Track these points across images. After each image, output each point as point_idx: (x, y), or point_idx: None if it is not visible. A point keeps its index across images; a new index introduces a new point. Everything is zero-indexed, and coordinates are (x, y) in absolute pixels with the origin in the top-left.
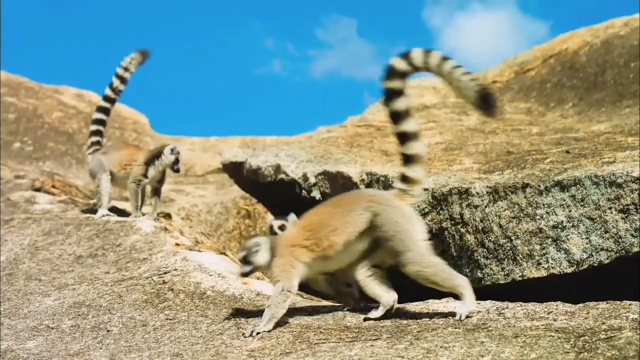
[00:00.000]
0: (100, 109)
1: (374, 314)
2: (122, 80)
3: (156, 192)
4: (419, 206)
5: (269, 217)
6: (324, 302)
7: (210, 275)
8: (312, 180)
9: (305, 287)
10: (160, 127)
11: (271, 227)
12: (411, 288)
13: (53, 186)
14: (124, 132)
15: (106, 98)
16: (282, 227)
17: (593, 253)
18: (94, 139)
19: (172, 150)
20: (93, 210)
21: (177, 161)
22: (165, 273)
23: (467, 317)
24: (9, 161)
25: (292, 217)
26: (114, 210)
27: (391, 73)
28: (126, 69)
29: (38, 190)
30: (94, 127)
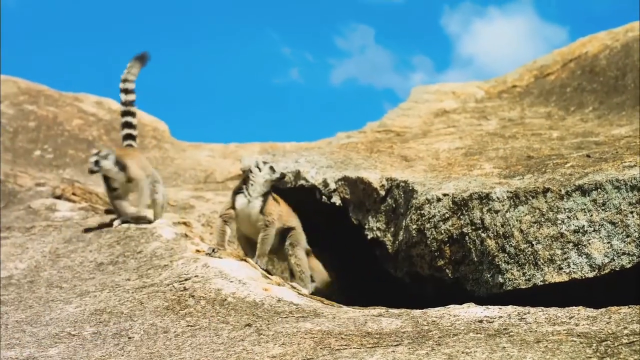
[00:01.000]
0: (125, 116)
1: None
2: (127, 91)
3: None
4: (439, 211)
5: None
6: (345, 308)
7: (231, 281)
8: (332, 186)
9: (326, 293)
10: (180, 134)
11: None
12: (432, 294)
13: (73, 194)
14: (144, 139)
15: (124, 113)
16: None
17: (615, 257)
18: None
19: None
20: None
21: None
22: (186, 280)
23: None
24: (29, 169)
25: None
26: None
27: None
28: (126, 80)
29: (59, 197)
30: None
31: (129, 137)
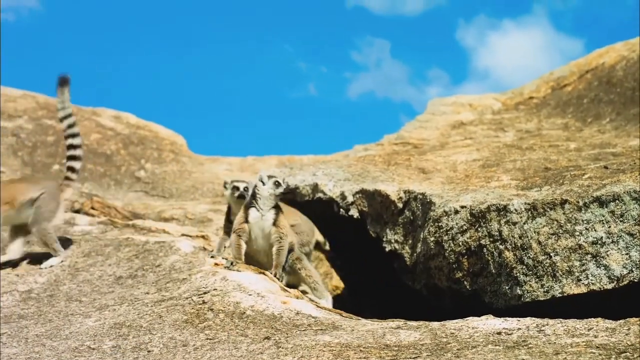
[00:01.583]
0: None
1: None
2: (67, 117)
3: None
4: (457, 223)
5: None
6: (363, 321)
7: (250, 294)
8: (350, 198)
9: (344, 306)
10: (197, 148)
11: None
12: (450, 306)
13: (92, 207)
14: (162, 153)
15: (68, 136)
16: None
17: (633, 269)
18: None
19: None
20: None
21: None
22: (204, 293)
23: None
24: None
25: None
26: None
27: None
28: (63, 108)
29: (77, 211)
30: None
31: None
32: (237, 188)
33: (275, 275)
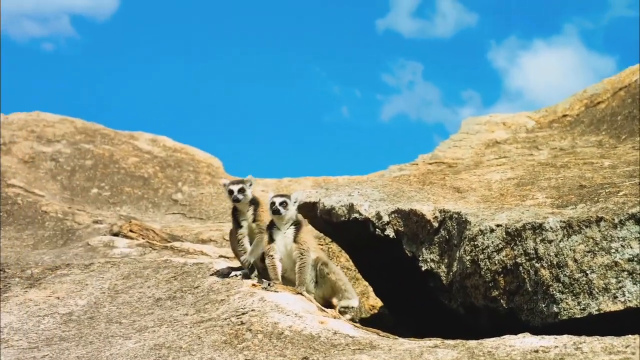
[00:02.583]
0: None
1: None
2: None
3: None
4: (493, 242)
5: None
6: (401, 340)
7: (288, 315)
8: (386, 218)
9: (381, 325)
10: (233, 170)
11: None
12: (487, 324)
13: (131, 230)
14: (199, 176)
15: None
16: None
17: None
18: None
19: None
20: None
21: None
22: (243, 314)
23: None
24: (87, 207)
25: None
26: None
27: None
28: None
29: (116, 234)
30: None
31: None
32: (232, 191)
33: (300, 293)
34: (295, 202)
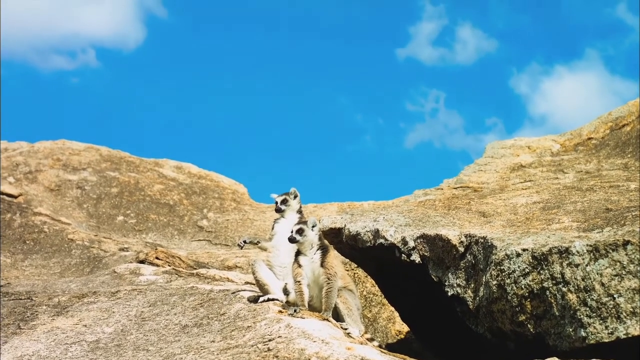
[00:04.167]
0: None
1: None
2: None
3: None
4: (519, 267)
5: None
6: None
7: (314, 341)
8: (411, 244)
9: (409, 349)
10: (258, 196)
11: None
12: (514, 349)
13: (157, 257)
14: (224, 202)
15: None
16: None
17: None
18: None
19: None
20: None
21: None
22: (269, 340)
23: None
24: (113, 234)
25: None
26: None
27: None
28: None
29: (142, 262)
30: None
31: None
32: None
33: (327, 319)
34: (313, 227)
